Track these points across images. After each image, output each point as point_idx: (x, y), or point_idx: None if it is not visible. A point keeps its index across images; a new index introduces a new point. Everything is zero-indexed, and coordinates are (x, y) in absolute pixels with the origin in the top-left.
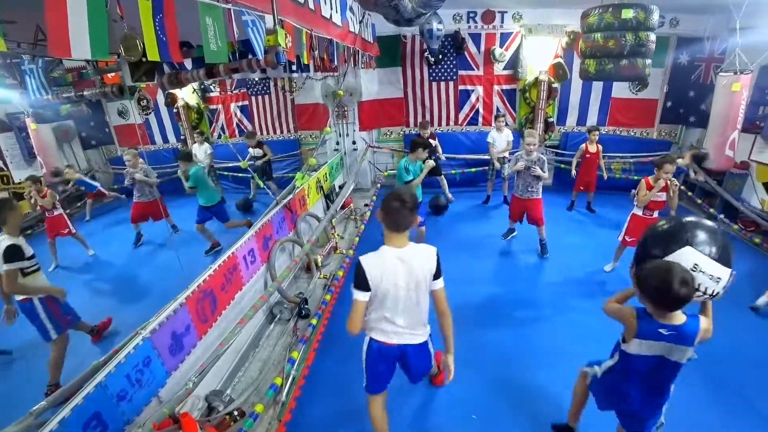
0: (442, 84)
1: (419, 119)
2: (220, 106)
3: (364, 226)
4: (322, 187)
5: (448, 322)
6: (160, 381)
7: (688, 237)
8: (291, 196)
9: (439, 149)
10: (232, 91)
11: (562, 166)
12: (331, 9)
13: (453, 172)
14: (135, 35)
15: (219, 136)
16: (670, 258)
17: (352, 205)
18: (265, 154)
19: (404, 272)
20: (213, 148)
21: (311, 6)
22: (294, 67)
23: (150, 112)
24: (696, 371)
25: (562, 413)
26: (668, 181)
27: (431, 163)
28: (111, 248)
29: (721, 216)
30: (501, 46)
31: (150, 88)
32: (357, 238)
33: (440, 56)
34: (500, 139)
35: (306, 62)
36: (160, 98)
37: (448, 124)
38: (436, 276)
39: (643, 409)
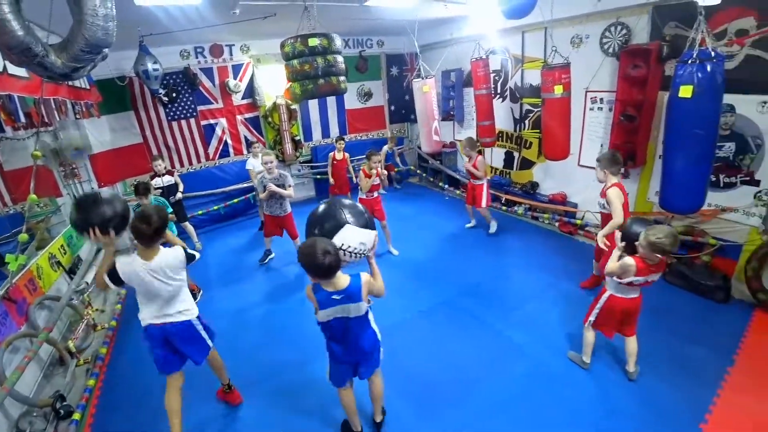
0: (183, 122)
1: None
2: None
3: (126, 291)
4: (59, 263)
5: None
6: None
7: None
8: (9, 284)
9: (180, 185)
10: None
11: (319, 177)
12: (4, 60)
13: (215, 207)
14: None
15: None
16: (336, 236)
17: None
18: None
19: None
20: None
21: None
22: None
23: None
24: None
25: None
26: (378, 169)
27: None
28: None
29: (447, 185)
30: (235, 78)
31: None
32: (119, 306)
33: (174, 94)
34: (258, 163)
35: None
36: None
37: (199, 161)
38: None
39: (363, 357)
